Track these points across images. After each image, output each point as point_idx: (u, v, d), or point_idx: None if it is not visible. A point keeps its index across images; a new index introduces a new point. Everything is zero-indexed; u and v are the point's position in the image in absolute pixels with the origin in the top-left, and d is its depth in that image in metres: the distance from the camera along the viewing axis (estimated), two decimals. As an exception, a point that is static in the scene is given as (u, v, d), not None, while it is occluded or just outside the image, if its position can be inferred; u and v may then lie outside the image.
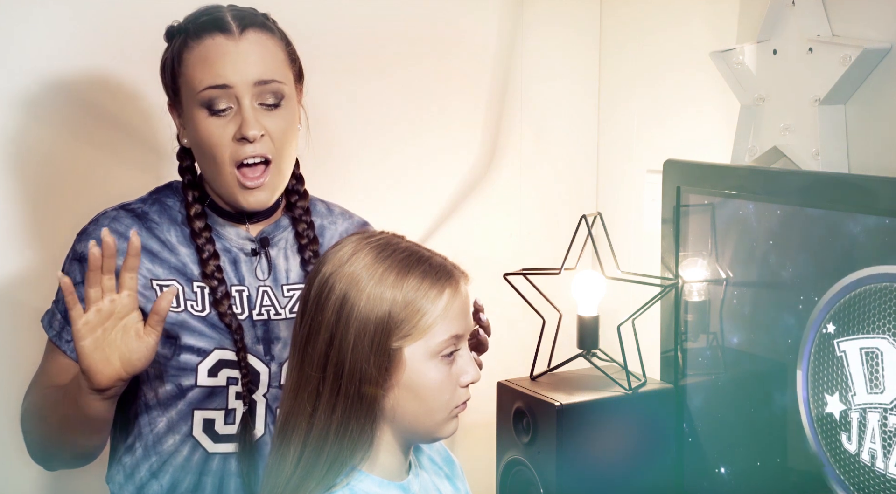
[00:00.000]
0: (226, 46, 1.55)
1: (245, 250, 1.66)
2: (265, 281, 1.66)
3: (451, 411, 1.36)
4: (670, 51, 2.21)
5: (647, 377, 1.93)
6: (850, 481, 1.59)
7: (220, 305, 1.60)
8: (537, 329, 1.95)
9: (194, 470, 1.61)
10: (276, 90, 1.58)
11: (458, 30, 2.29)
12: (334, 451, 1.31)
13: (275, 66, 1.59)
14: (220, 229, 1.65)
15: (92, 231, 1.62)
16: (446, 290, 1.33)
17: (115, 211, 1.64)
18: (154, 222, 1.64)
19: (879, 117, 1.73)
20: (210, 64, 1.55)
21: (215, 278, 1.61)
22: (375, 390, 1.31)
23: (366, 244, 1.35)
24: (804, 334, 1.65)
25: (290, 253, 1.69)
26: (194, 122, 1.58)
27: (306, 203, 1.71)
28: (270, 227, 1.68)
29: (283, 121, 1.59)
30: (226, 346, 1.60)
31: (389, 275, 1.31)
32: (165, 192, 1.68)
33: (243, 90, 1.55)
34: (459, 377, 1.36)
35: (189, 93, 1.57)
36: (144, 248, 1.60)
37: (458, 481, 1.52)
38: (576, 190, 2.45)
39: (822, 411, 1.63)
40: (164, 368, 1.59)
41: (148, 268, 1.60)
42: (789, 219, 1.70)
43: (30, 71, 1.90)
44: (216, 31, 1.56)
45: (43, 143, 1.93)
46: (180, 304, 1.60)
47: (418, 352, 1.32)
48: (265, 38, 1.59)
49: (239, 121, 1.56)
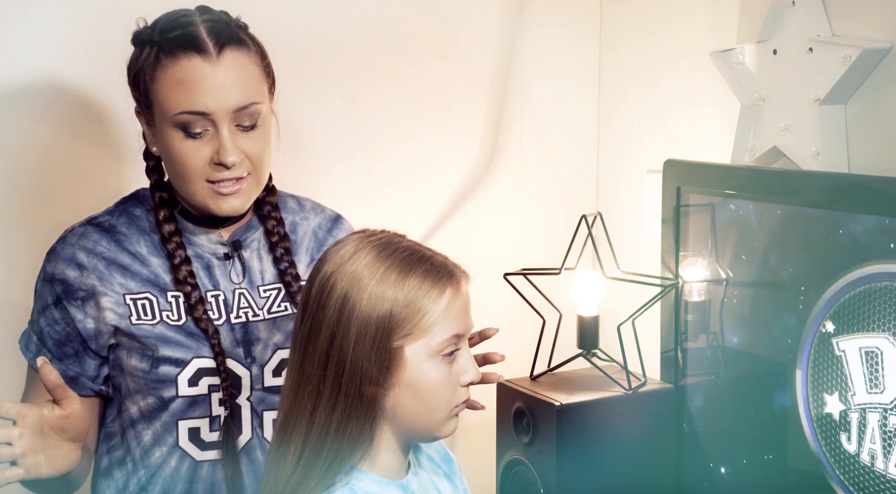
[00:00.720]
0: (203, 70, 1.50)
1: (217, 254, 1.64)
2: (241, 284, 1.64)
3: (452, 410, 1.36)
4: (670, 51, 2.21)
5: (647, 377, 1.93)
6: (850, 481, 1.59)
7: (195, 310, 1.58)
8: (537, 329, 1.95)
9: (184, 480, 1.60)
10: (254, 112, 1.54)
11: (458, 30, 2.29)
12: (334, 450, 1.31)
13: (253, 89, 1.54)
14: (190, 235, 1.63)
15: (60, 250, 1.59)
16: (447, 290, 1.33)
17: (83, 226, 1.61)
18: (123, 234, 1.61)
19: (879, 117, 1.73)
20: (187, 89, 1.50)
21: (188, 283, 1.59)
22: (376, 389, 1.31)
23: (367, 243, 1.35)
24: (803, 333, 1.65)
25: (263, 254, 1.67)
26: (167, 140, 1.53)
27: (274, 199, 1.68)
28: (241, 229, 1.66)
29: (261, 140, 1.56)
30: (203, 354, 1.59)
31: (391, 275, 1.31)
32: (132, 203, 1.65)
33: (221, 117, 1.51)
34: (460, 376, 1.36)
35: (162, 113, 1.52)
36: (115, 263, 1.58)
37: (456, 479, 1.53)
38: (576, 190, 2.45)
39: (822, 411, 1.63)
40: (144, 382, 1.57)
41: (120, 283, 1.58)
42: (789, 219, 1.70)
43: (24, 70, 1.90)
44: (192, 51, 1.50)
45: (38, 144, 1.93)
46: (155, 316, 1.58)
47: (419, 351, 1.32)
48: (242, 57, 1.54)
49: (216, 145, 1.52)
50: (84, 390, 1.59)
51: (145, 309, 1.58)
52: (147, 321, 1.57)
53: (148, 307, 1.58)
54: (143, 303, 1.58)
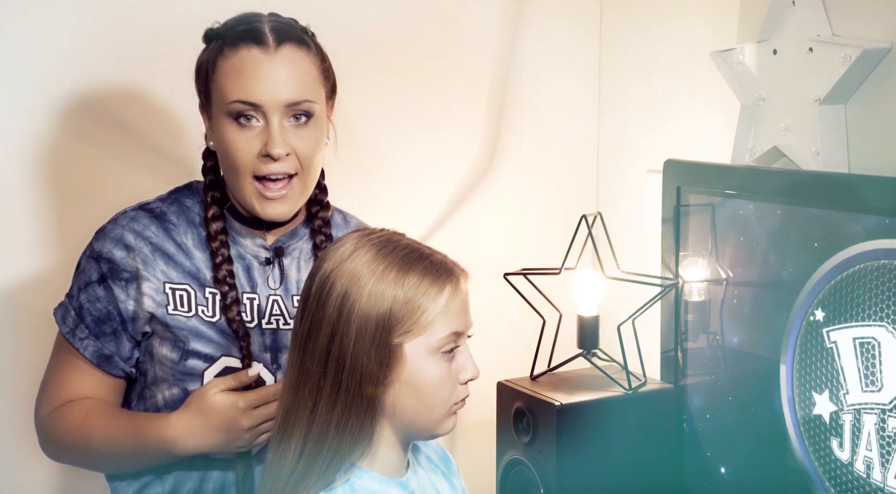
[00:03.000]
0: (259, 61, 1.54)
1: (259, 258, 1.66)
2: (276, 291, 1.66)
3: (451, 407, 1.37)
4: (670, 50, 2.21)
5: (647, 377, 1.93)
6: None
7: (230, 311, 1.60)
8: (537, 329, 1.95)
9: (196, 476, 1.61)
10: (307, 109, 1.57)
11: (458, 29, 2.29)
12: (335, 446, 1.31)
13: (307, 86, 1.57)
14: (236, 235, 1.65)
15: (110, 230, 1.62)
16: (447, 287, 1.33)
17: (134, 211, 1.64)
18: (172, 223, 1.63)
19: (879, 117, 1.73)
20: (243, 77, 1.54)
21: (226, 283, 1.61)
22: (376, 386, 1.31)
23: (367, 241, 1.35)
24: (788, 323, 1.56)
25: (302, 263, 1.69)
26: (221, 130, 1.57)
27: (327, 214, 1.70)
28: (286, 236, 1.68)
29: (311, 139, 1.58)
30: (233, 354, 1.61)
31: (390, 273, 1.32)
32: (185, 193, 1.68)
33: (272, 109, 1.54)
34: (459, 373, 1.37)
35: (219, 101, 1.57)
36: (160, 249, 1.60)
37: (454, 479, 1.53)
38: (576, 190, 2.45)
39: (810, 412, 1.55)
40: (172, 372, 1.59)
41: (162, 271, 1.60)
42: (789, 219, 1.70)
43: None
44: (252, 42, 1.55)
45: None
46: (191, 309, 1.60)
47: (419, 349, 1.32)
48: (300, 55, 1.57)
49: (265, 137, 1.55)
50: (115, 370, 1.61)
51: (182, 301, 1.60)
52: (182, 312, 1.59)
53: (185, 299, 1.60)
54: (182, 294, 1.60)
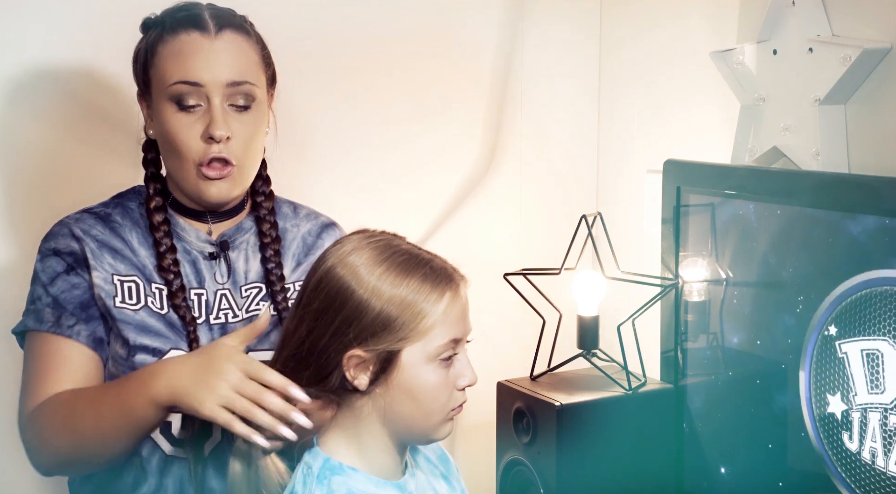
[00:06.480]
0: (200, 43, 1.56)
1: (204, 253, 1.66)
2: (224, 285, 1.66)
3: (448, 414, 1.36)
4: (670, 51, 2.21)
5: (647, 377, 1.93)
6: (852, 479, 1.59)
7: (176, 298, 1.60)
8: (537, 329, 1.95)
9: (155, 472, 1.60)
10: (248, 92, 1.58)
11: (458, 29, 2.29)
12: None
13: (248, 68, 1.59)
14: (180, 231, 1.65)
15: (57, 230, 1.63)
16: (446, 294, 1.33)
17: (78, 214, 1.65)
18: (117, 223, 1.64)
19: (879, 117, 1.73)
20: (183, 59, 1.55)
21: (171, 271, 1.61)
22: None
23: (367, 244, 1.35)
24: (806, 336, 1.66)
25: (250, 255, 1.69)
26: (162, 116, 1.58)
27: (271, 204, 1.71)
28: (232, 230, 1.68)
29: (251, 124, 1.59)
30: (181, 347, 1.59)
31: (388, 277, 1.31)
32: (129, 196, 1.69)
33: (214, 90, 1.55)
34: (457, 380, 1.36)
35: (159, 86, 1.57)
36: (107, 245, 1.61)
37: (453, 480, 1.52)
38: (576, 190, 2.45)
39: (825, 411, 1.63)
40: (122, 369, 1.58)
41: (110, 264, 1.61)
42: (789, 219, 1.70)
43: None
44: (192, 27, 1.57)
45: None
46: (140, 301, 1.60)
47: (416, 355, 1.32)
48: (241, 40, 1.59)
49: (207, 120, 1.56)
50: (106, 353, 1.60)
51: (131, 293, 1.60)
52: (130, 305, 1.59)
53: (134, 290, 1.60)
54: (130, 286, 1.61)
